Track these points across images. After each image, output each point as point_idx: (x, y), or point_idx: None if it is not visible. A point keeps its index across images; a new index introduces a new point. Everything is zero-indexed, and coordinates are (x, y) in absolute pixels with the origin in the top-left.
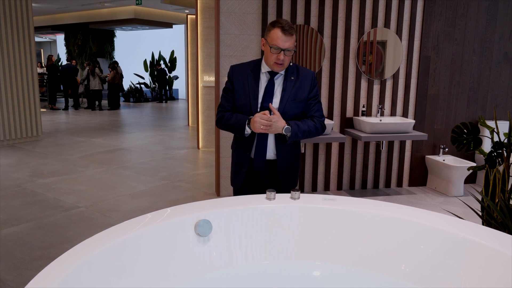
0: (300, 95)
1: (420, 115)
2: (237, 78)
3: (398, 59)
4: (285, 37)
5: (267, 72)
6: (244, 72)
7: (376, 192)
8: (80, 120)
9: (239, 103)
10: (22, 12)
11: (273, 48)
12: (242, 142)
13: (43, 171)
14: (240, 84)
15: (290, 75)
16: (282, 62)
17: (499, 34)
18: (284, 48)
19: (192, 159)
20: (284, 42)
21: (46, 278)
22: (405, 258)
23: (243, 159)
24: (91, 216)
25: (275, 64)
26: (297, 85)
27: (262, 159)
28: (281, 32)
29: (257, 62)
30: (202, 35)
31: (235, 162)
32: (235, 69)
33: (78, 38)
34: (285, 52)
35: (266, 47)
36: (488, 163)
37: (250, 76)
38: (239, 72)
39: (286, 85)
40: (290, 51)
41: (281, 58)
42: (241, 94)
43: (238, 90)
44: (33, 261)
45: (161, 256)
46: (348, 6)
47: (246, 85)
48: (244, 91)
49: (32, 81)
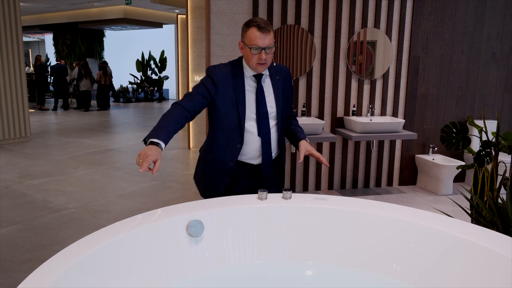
0: (285, 93)
1: (410, 115)
2: (223, 82)
3: (388, 59)
4: (263, 34)
5: (252, 76)
6: (227, 77)
7: (366, 192)
8: (70, 120)
9: (225, 109)
10: (9, 11)
11: (253, 49)
12: (225, 149)
13: (32, 172)
14: (226, 89)
15: (275, 75)
16: (265, 61)
17: (486, 35)
18: (265, 47)
19: (183, 159)
20: (263, 40)
21: (37, 279)
22: (396, 256)
23: (225, 168)
24: (81, 217)
25: (258, 65)
26: (283, 84)
27: (269, 164)
28: (258, 30)
29: (236, 65)
30: (193, 35)
31: (211, 171)
32: (219, 72)
33: (67, 38)
34: (266, 50)
35: (246, 49)
36: (477, 162)
37: (235, 80)
38: (223, 76)
39: (275, 87)
40: (271, 48)
41: (263, 57)
42: (226, 100)
43: (223, 96)
44: (23, 263)
45: (154, 256)
46: (338, 7)
47: (232, 91)
48: (230, 98)
49: (20, 82)
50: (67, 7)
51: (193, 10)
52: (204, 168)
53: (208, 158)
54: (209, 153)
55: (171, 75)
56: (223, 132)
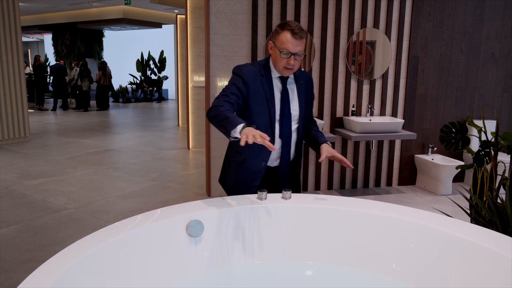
0: (308, 98)
1: (409, 115)
2: (253, 82)
3: (387, 59)
4: (296, 40)
5: (278, 77)
6: (257, 76)
7: (366, 192)
8: (69, 121)
9: (257, 108)
10: (9, 11)
11: (283, 53)
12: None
13: (31, 172)
14: (256, 88)
15: (299, 79)
16: (292, 67)
17: (486, 35)
18: (295, 53)
19: (183, 159)
20: (295, 47)
21: (37, 279)
22: (396, 256)
23: (257, 170)
24: (81, 217)
25: (285, 69)
26: (306, 89)
27: (287, 167)
28: (291, 35)
29: (264, 65)
30: (192, 35)
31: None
32: (248, 71)
33: (66, 38)
34: (296, 56)
35: (275, 51)
36: (476, 162)
37: (263, 81)
38: (253, 76)
39: (299, 91)
40: (301, 55)
41: (292, 63)
42: (258, 99)
43: (254, 95)
44: (22, 264)
45: (153, 257)
46: (337, 7)
47: (262, 91)
48: (261, 97)
49: (19, 82)
50: (66, 7)
51: (193, 10)
52: (235, 170)
53: (239, 159)
54: (241, 154)
55: (170, 75)
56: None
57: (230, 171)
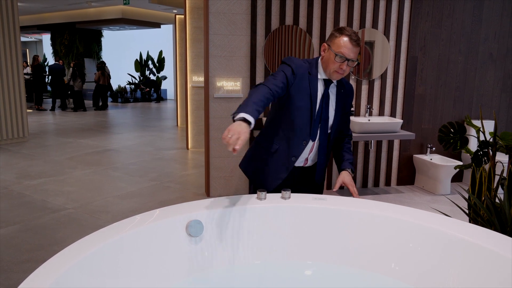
0: (346, 108)
1: (408, 115)
2: (301, 75)
3: (386, 59)
4: (353, 47)
5: (323, 79)
6: (305, 72)
7: (365, 191)
8: (68, 121)
9: (298, 102)
10: (7, 11)
11: (338, 56)
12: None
13: (30, 172)
14: (302, 83)
15: (341, 87)
16: (343, 72)
17: (484, 35)
18: (350, 58)
19: (182, 159)
20: (350, 52)
21: (37, 279)
22: (395, 256)
23: (286, 163)
24: (80, 217)
25: (335, 73)
26: (345, 98)
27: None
28: (350, 41)
29: (313, 65)
30: (191, 35)
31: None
32: (299, 64)
33: (65, 38)
34: (349, 62)
35: (330, 53)
36: (475, 162)
37: (310, 78)
38: (302, 70)
39: (338, 98)
40: (354, 62)
41: (344, 68)
42: (301, 94)
43: (299, 88)
44: (21, 264)
45: (153, 257)
46: (336, 7)
47: (307, 86)
48: (305, 92)
49: (18, 82)
50: (65, 7)
51: (191, 10)
52: (265, 158)
53: (273, 148)
54: (275, 143)
55: (169, 75)
56: (293, 125)
57: (258, 158)
